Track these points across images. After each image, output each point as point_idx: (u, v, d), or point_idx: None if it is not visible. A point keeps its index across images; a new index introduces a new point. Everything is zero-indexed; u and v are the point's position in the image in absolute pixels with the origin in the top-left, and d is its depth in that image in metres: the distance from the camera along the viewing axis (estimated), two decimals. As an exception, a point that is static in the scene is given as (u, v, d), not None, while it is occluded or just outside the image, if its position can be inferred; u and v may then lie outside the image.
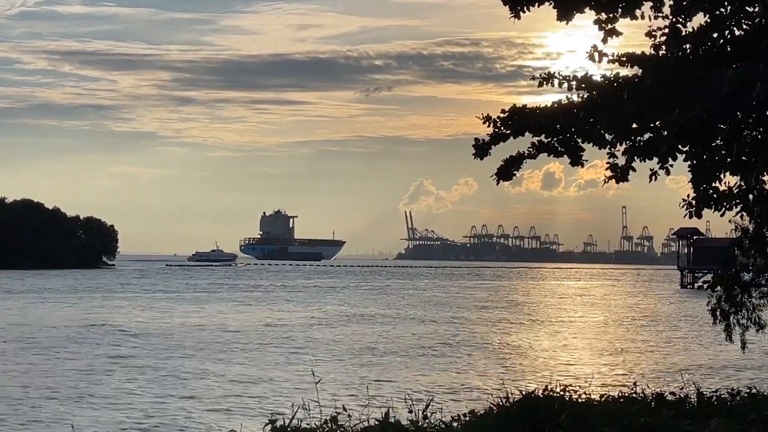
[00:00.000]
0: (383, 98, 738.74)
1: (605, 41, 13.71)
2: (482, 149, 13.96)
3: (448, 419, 12.74)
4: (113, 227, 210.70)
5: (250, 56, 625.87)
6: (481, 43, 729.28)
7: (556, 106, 13.69)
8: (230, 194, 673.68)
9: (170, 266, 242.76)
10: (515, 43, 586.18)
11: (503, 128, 13.84)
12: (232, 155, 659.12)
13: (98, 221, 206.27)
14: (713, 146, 12.99)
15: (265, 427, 12.16)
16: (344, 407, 12.86)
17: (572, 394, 13.13)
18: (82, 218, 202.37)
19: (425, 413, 12.70)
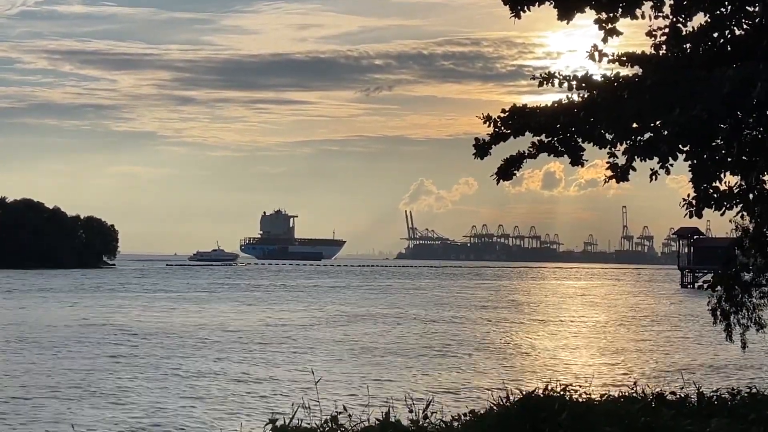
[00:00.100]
0: (383, 98, 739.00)
1: (605, 41, 13.70)
2: (482, 149, 13.95)
3: (448, 419, 12.74)
4: (113, 227, 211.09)
5: (250, 56, 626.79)
6: (481, 42, 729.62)
7: (556, 105, 13.68)
8: (230, 194, 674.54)
9: (170, 266, 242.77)
10: (515, 42, 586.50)
11: (503, 128, 13.83)
12: (232, 155, 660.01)
13: (98, 221, 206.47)
14: (714, 146, 12.98)
15: (265, 426, 12.16)
16: (344, 407, 12.85)
17: (573, 393, 13.12)
18: (82, 218, 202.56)
19: (426, 413, 12.69)
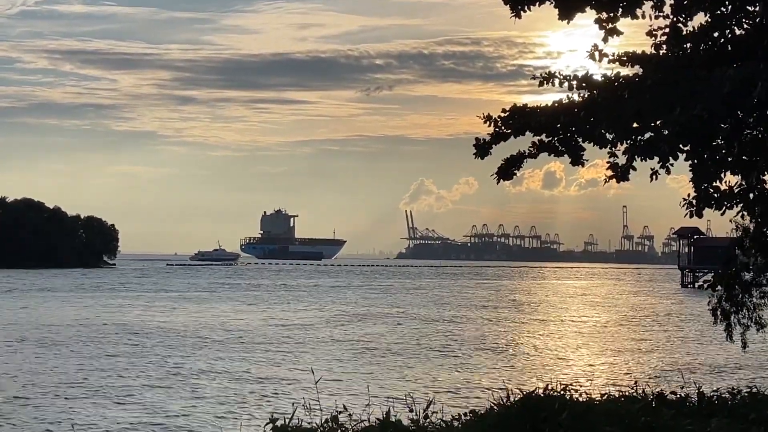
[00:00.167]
0: (384, 97, 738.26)
1: (606, 40, 13.69)
2: (483, 148, 13.95)
3: (448, 418, 12.73)
4: (114, 226, 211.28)
5: (250, 55, 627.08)
6: (481, 42, 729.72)
7: (556, 105, 13.68)
8: (231, 193, 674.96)
9: (171, 266, 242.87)
10: (516, 42, 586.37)
11: (504, 128, 13.82)
12: (232, 155, 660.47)
13: (99, 220, 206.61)
14: (714, 145, 12.97)
15: (265, 426, 12.15)
16: (345, 406, 12.84)
17: (573, 393, 13.12)
18: (82, 217, 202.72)
19: (426, 412, 12.69)
